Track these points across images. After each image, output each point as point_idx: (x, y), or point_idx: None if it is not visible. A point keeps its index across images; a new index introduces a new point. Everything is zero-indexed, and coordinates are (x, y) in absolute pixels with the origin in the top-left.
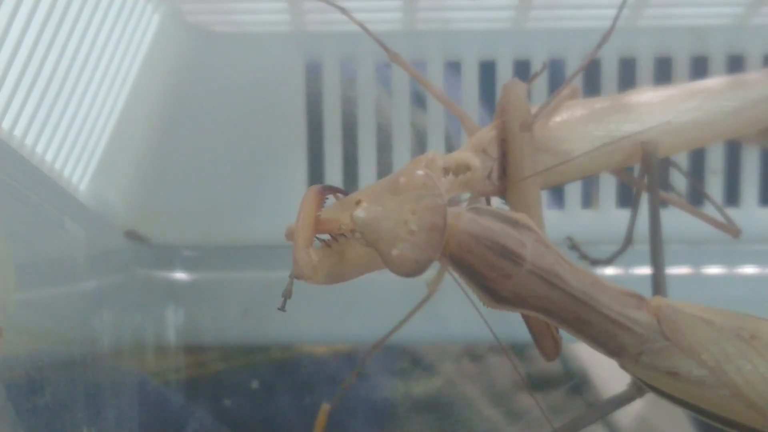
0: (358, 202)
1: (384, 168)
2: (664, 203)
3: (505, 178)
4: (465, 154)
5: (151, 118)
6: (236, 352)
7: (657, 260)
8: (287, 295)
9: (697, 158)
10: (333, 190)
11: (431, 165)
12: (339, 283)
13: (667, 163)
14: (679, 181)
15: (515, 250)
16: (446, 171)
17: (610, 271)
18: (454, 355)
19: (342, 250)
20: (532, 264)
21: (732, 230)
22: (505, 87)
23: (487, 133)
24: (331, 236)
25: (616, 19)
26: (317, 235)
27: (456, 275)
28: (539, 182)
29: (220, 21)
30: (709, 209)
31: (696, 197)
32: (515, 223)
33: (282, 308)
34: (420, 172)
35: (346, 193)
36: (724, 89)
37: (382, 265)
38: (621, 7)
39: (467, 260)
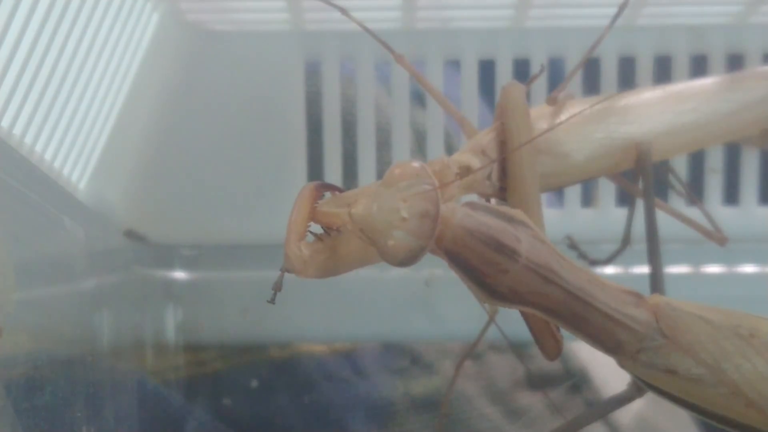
0: (354, 201)
1: (384, 167)
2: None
3: (504, 179)
4: (465, 155)
5: (151, 117)
6: (235, 351)
7: (654, 258)
8: (277, 288)
9: (697, 157)
10: (329, 187)
11: (446, 171)
12: (330, 277)
13: (662, 168)
14: (673, 185)
15: (510, 245)
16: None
17: (609, 270)
18: (453, 354)
19: (334, 245)
20: (527, 259)
21: (719, 238)
22: (503, 89)
23: (486, 135)
24: (324, 230)
25: (616, 16)
26: (310, 230)
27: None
28: (539, 184)
29: (219, 20)
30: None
31: (688, 201)
32: (510, 219)
33: (272, 301)
34: (414, 164)
35: (342, 190)
36: (721, 91)
37: (373, 260)
38: (622, 8)
39: (463, 255)
